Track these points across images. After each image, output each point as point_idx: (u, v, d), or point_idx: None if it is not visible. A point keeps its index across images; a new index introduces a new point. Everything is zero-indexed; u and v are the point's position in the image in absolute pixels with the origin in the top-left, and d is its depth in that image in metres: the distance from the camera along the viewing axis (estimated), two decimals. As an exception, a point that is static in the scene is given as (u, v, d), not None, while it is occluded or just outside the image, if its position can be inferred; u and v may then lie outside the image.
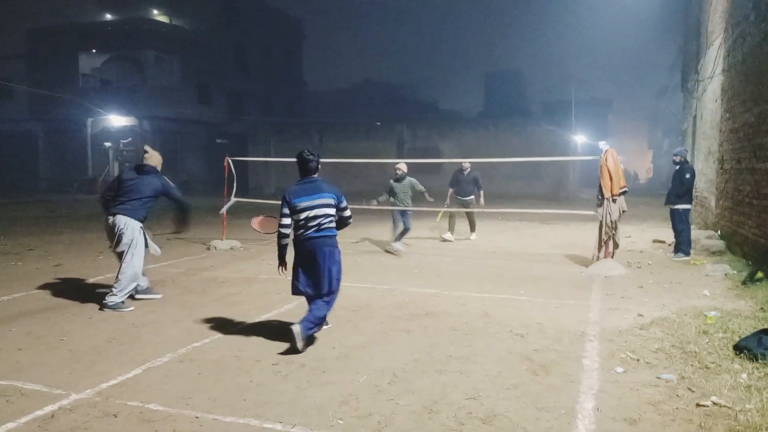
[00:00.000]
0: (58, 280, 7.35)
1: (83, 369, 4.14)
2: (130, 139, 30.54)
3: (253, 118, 34.87)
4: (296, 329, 4.43)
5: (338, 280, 4.86)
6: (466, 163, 11.65)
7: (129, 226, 5.89)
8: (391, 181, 10.08)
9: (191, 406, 3.48)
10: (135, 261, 5.91)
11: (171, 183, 6.34)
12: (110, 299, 5.78)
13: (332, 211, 4.81)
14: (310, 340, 4.65)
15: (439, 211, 11.64)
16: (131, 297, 6.09)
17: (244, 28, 36.65)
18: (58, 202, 21.95)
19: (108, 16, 35.32)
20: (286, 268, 4.90)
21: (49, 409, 3.45)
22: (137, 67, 31.40)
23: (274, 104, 39.54)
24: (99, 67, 32.07)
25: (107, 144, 30.31)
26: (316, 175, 4.88)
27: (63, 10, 36.26)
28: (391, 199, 10.08)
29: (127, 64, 31.85)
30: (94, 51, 31.55)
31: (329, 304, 4.84)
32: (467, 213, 11.76)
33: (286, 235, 4.78)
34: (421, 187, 10.17)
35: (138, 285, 6.11)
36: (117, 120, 30.17)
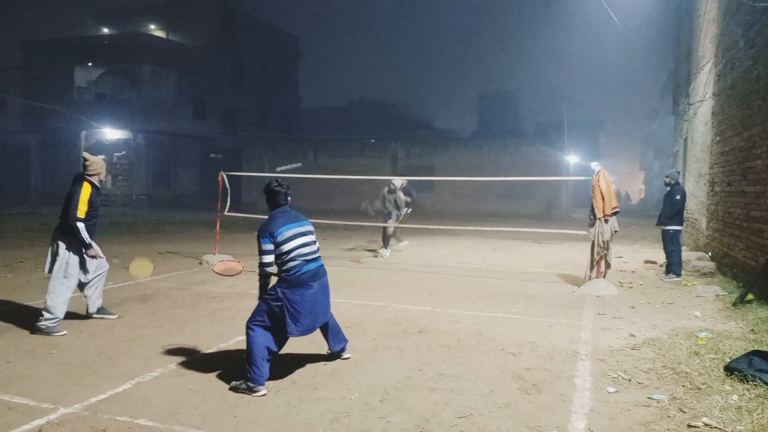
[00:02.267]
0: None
1: (72, 383, 4.10)
2: (124, 152, 30.50)
3: (247, 134, 34.96)
4: (346, 356, 4.75)
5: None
6: (397, 180, 12.22)
7: (59, 244, 5.45)
8: (385, 191, 12.06)
9: (180, 422, 3.45)
10: (59, 284, 5.41)
11: (81, 193, 5.42)
12: (41, 323, 5.32)
13: (314, 238, 4.46)
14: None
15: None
16: (87, 316, 5.86)
17: (241, 44, 36.91)
18: (49, 215, 21.81)
19: (105, 30, 35.51)
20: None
21: (36, 423, 3.40)
22: (133, 81, 31.48)
23: (268, 120, 39.69)
24: (94, 81, 32.11)
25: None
26: (287, 206, 4.55)
27: (59, 23, 36.42)
28: (379, 204, 12.12)
29: (123, 78, 31.94)
30: (90, 64, 31.62)
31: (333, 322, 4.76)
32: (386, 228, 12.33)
33: (269, 274, 4.23)
34: (402, 204, 11.98)
35: (92, 305, 5.83)
36: (111, 133, 30.16)
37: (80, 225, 5.38)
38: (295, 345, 5.16)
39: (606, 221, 8.08)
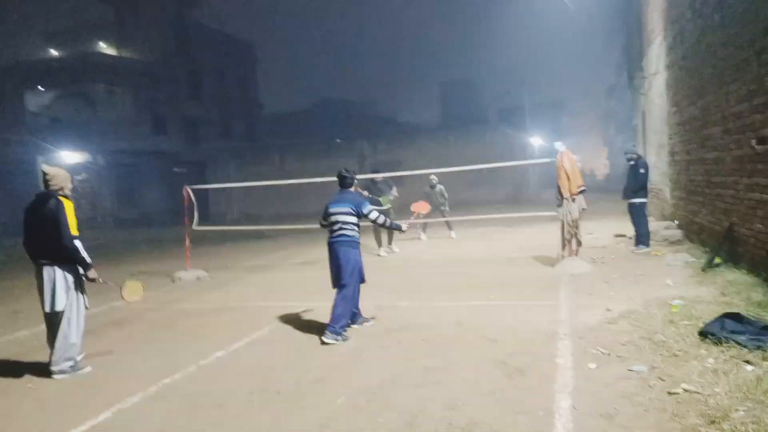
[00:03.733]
0: (18, 326, 7.07)
1: (51, 417, 3.99)
2: (84, 175, 29.80)
3: (210, 145, 34.51)
4: (326, 339, 5.26)
5: (351, 275, 5.56)
6: (379, 176, 11.96)
7: (57, 274, 4.85)
8: (427, 188, 13.45)
9: (166, 446, 3.39)
10: (73, 322, 4.91)
11: (66, 210, 4.85)
12: (65, 365, 4.86)
13: (352, 219, 5.61)
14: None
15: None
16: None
17: (195, 55, 36.37)
18: (13, 246, 21.18)
19: (53, 52, 34.61)
20: None
21: (15, 463, 3.30)
22: (87, 102, 30.77)
23: (231, 129, 39.25)
24: (47, 105, 31.30)
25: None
26: (351, 189, 5.91)
27: (6, 48, 35.33)
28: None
29: (77, 100, 31.17)
30: (41, 88, 30.79)
31: (345, 299, 5.50)
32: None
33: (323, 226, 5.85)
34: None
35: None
36: (69, 156, 29.41)
37: (78, 244, 4.82)
38: (278, 353, 5.12)
39: (573, 200, 8.20)
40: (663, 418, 3.23)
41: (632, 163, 9.72)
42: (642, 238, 9.46)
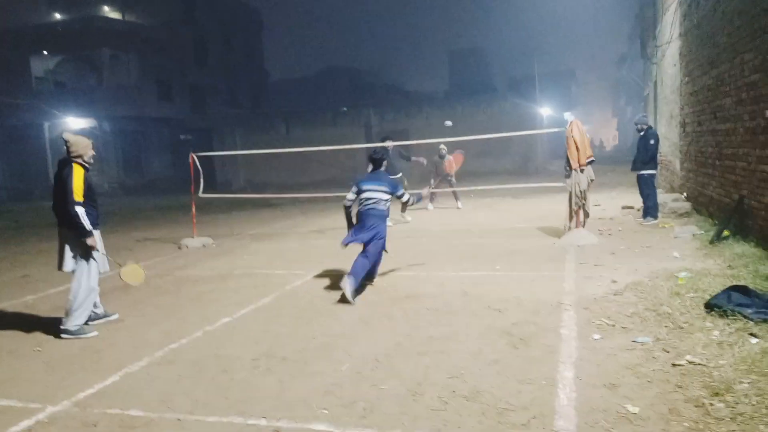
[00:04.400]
0: (27, 291, 7.15)
1: (59, 380, 4.04)
2: (91, 141, 29.73)
3: (216, 112, 34.30)
4: (342, 283, 5.73)
5: (377, 242, 6.02)
6: (388, 142, 11.62)
7: (65, 238, 5.06)
8: (436, 157, 13.30)
9: (172, 409, 3.43)
10: (83, 282, 5.07)
11: (74, 175, 5.01)
12: (69, 325, 5.03)
13: (386, 197, 6.14)
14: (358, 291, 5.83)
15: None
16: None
17: (201, 21, 35.92)
18: (21, 211, 21.35)
19: (58, 16, 34.23)
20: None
21: (25, 424, 3.36)
22: (93, 67, 30.56)
23: (237, 97, 38.97)
24: (52, 69, 31.10)
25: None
26: (381, 169, 6.43)
27: (9, 12, 34.98)
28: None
29: (82, 65, 30.98)
30: (45, 53, 30.56)
31: (366, 257, 5.94)
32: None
33: (348, 207, 6.30)
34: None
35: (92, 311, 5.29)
36: (75, 122, 29.35)
37: (80, 210, 4.92)
38: (284, 320, 5.16)
39: (582, 171, 8.12)
40: (666, 389, 3.24)
41: (642, 133, 9.59)
42: (650, 210, 9.39)
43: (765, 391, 3.05)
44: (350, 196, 6.25)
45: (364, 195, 6.14)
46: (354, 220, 6.33)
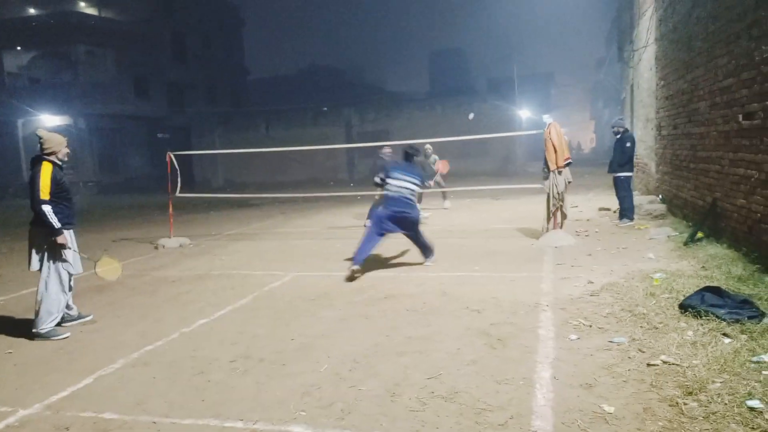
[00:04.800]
0: (-2, 292, 6.99)
1: (31, 382, 3.96)
2: (66, 139, 29.21)
3: (195, 110, 33.93)
4: (428, 262, 7.21)
5: (413, 225, 6.92)
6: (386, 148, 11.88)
7: (33, 237, 4.98)
8: (421, 157, 12.81)
9: (147, 412, 3.38)
10: (50, 283, 4.97)
11: (42, 173, 4.92)
12: (41, 328, 4.93)
13: (415, 187, 6.89)
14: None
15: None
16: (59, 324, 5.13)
17: (180, 16, 35.48)
18: (-7, 210, 20.88)
19: (32, 11, 33.53)
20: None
21: (-6, 428, 3.28)
22: (68, 63, 29.99)
23: (216, 94, 38.59)
24: (26, 65, 30.47)
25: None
26: (411, 163, 7.16)
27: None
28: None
29: (57, 61, 30.38)
30: (19, 48, 29.92)
31: (418, 233, 7.04)
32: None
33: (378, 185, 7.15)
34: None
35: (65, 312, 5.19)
36: (50, 120, 28.81)
37: (46, 208, 4.81)
38: (262, 321, 5.11)
39: (559, 173, 8.20)
40: (641, 388, 3.28)
41: (619, 136, 9.72)
42: (626, 211, 9.52)
43: (737, 391, 3.11)
44: (377, 179, 7.15)
45: (398, 183, 6.81)
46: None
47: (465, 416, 3.10)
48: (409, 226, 6.91)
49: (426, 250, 7.18)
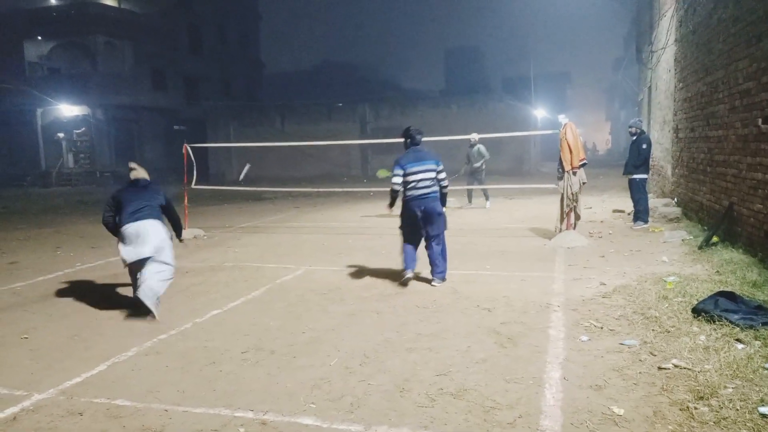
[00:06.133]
0: (15, 278, 7.10)
1: (45, 368, 4.02)
2: (83, 129, 29.57)
3: (211, 103, 34.11)
4: (437, 284, 5.92)
5: (443, 226, 6.01)
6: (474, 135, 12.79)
7: None
8: (468, 148, 13.12)
9: (160, 400, 3.43)
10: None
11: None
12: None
13: (435, 174, 5.86)
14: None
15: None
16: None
17: (197, 9, 35.66)
18: (11, 197, 21.16)
19: (53, 1, 33.89)
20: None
21: (10, 411, 3.34)
22: (87, 54, 30.31)
23: (232, 88, 38.78)
24: (46, 55, 30.81)
25: (60, 135, 29.33)
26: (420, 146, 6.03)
27: (4, -5, 34.57)
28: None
29: (76, 51, 30.72)
30: (39, 38, 30.26)
31: (443, 245, 6.01)
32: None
33: (397, 192, 5.93)
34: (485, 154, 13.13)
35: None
36: (68, 109, 29.14)
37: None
38: (273, 313, 5.15)
39: (574, 173, 8.16)
40: (652, 392, 3.26)
41: (635, 137, 9.64)
42: (640, 214, 9.45)
43: (749, 397, 3.09)
44: (397, 180, 5.81)
45: (416, 177, 5.77)
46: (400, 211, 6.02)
47: (473, 414, 3.11)
48: (437, 221, 5.90)
49: (443, 263, 6.05)
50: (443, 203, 6.02)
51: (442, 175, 5.93)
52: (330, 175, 28.77)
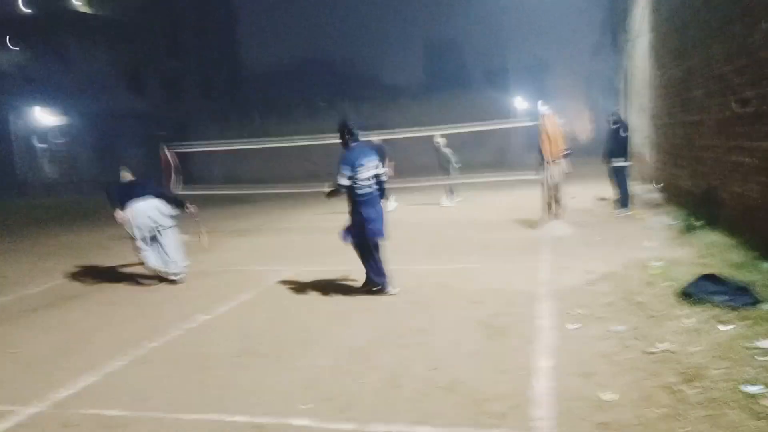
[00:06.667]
0: (1, 292, 7.01)
1: (36, 381, 3.99)
2: (61, 137, 29.15)
3: (190, 105, 33.81)
4: (393, 291, 5.47)
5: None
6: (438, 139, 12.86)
7: None
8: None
9: (152, 408, 3.41)
10: None
11: None
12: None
13: (378, 170, 5.48)
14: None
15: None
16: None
17: (174, 10, 35.25)
18: (-10, 209, 20.80)
19: (24, 9, 33.30)
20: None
21: (3, 427, 3.31)
22: (61, 61, 29.82)
23: (212, 88, 38.42)
24: (20, 63, 30.28)
25: (43, 146, 28.95)
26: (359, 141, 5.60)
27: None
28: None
29: (50, 58, 30.20)
30: (10, 44, 29.75)
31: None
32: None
33: (343, 192, 5.45)
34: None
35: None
36: (44, 118, 28.70)
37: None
38: (263, 316, 5.15)
39: (555, 163, 8.23)
40: (640, 376, 3.32)
41: (614, 125, 9.74)
42: (623, 200, 9.56)
43: (734, 377, 3.15)
44: (344, 181, 5.29)
45: (363, 174, 5.29)
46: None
47: (466, 406, 3.14)
48: (384, 222, 5.54)
49: (380, 274, 5.56)
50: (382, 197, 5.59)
51: (382, 170, 5.58)
52: (315, 174, 28.70)
